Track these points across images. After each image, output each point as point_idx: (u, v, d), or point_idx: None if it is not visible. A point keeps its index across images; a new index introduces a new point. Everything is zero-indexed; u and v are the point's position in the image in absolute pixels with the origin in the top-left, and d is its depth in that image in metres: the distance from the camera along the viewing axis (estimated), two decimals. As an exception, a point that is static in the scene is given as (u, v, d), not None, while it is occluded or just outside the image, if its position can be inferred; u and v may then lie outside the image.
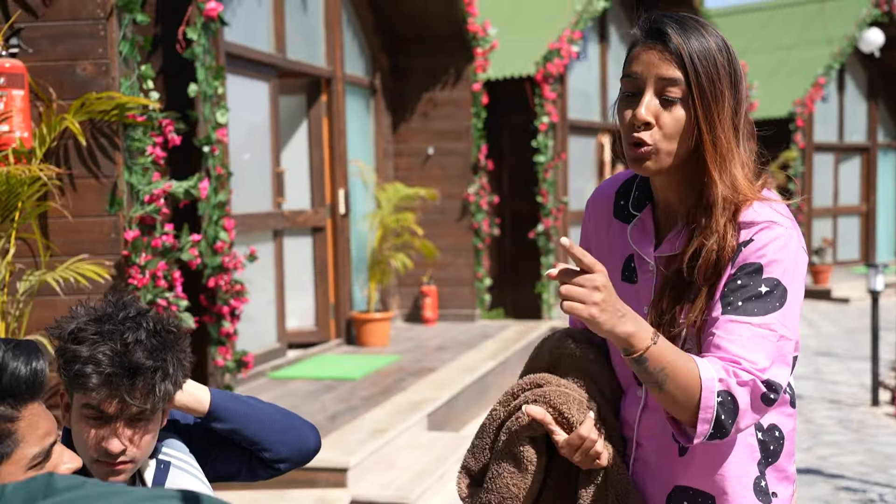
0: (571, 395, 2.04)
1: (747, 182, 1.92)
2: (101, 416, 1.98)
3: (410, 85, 10.96)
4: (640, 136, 1.90)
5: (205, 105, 5.65)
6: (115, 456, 1.99)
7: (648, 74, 1.88)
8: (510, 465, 2.09)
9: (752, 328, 1.85)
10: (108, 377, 1.94)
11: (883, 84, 19.28)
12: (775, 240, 1.88)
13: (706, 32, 1.89)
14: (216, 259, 5.46)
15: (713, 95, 1.86)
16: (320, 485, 5.53)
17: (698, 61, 1.85)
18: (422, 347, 9.36)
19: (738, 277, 1.88)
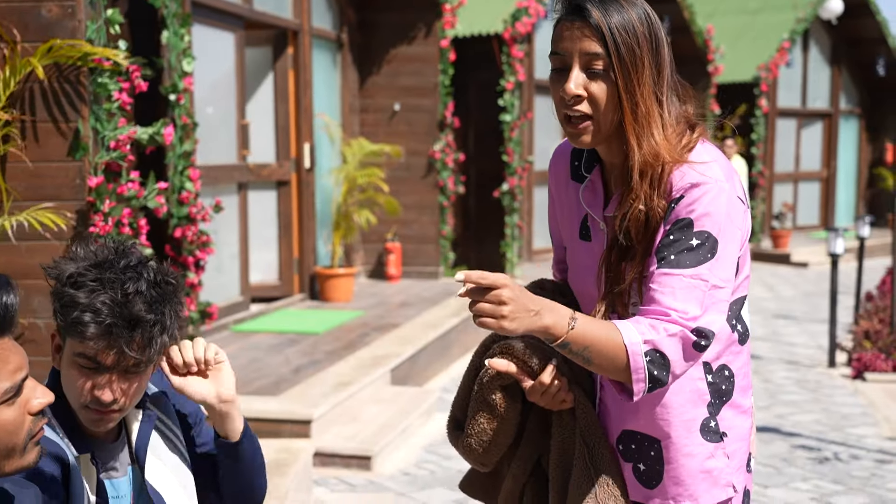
0: (536, 345, 2.12)
1: (668, 145, 1.98)
2: (95, 365, 1.95)
3: (378, 40, 10.88)
4: (574, 109, 1.98)
5: (171, 53, 5.57)
6: (106, 405, 1.97)
7: (573, 51, 1.96)
8: (485, 412, 2.22)
9: (683, 279, 1.94)
10: (108, 327, 1.91)
11: (846, 50, 19.42)
12: (705, 195, 1.95)
13: (626, 3, 1.97)
14: (182, 209, 5.42)
15: (633, 65, 1.94)
16: (284, 435, 5.54)
17: (618, 34, 1.93)
18: (385, 303, 9.37)
19: (671, 233, 1.96)
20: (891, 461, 5.92)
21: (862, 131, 20.37)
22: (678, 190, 1.97)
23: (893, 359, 8.20)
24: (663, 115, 1.99)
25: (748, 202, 2.07)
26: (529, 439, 2.27)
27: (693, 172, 1.97)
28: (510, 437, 2.25)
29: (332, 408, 5.83)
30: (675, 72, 2.07)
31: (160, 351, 2.01)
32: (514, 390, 2.19)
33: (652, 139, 1.97)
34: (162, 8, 5.51)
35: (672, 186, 1.98)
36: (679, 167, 1.98)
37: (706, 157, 2.00)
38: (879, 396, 7.50)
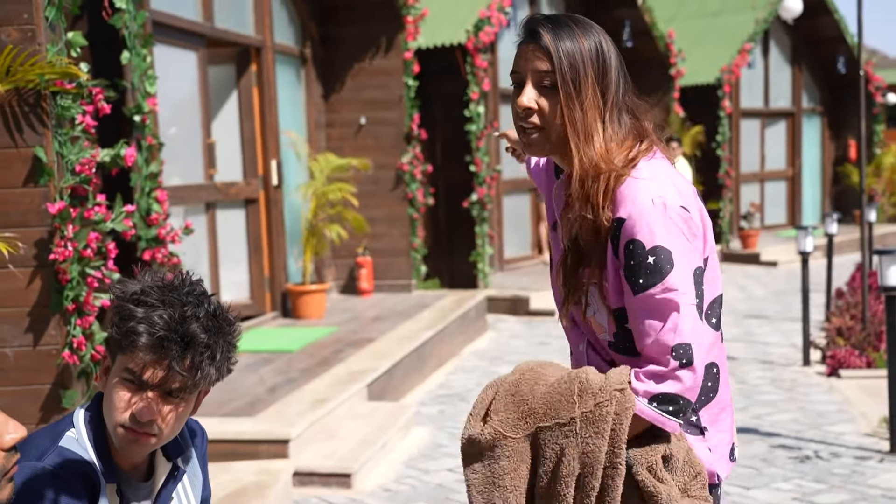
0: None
1: (607, 156, 2.15)
2: (140, 383, 1.96)
3: (341, 54, 10.85)
4: (528, 121, 2.19)
5: (134, 74, 5.51)
6: (142, 424, 1.97)
7: (527, 69, 2.18)
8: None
9: (655, 297, 2.09)
10: (160, 340, 1.92)
11: (806, 50, 19.59)
12: (646, 213, 2.11)
13: (580, 31, 2.17)
14: (151, 231, 5.35)
15: (575, 83, 2.14)
16: (262, 456, 5.48)
17: (564, 55, 2.14)
18: (359, 318, 9.31)
19: (629, 257, 2.12)
20: (870, 457, 5.94)
21: (825, 129, 20.55)
22: (623, 210, 2.13)
23: (867, 355, 8.24)
24: (605, 130, 2.17)
25: (698, 204, 2.21)
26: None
27: (633, 192, 2.13)
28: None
29: (309, 426, 5.77)
30: (630, 92, 2.25)
31: (206, 380, 2.00)
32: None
33: (591, 150, 2.15)
34: (123, 29, 5.45)
35: (618, 203, 2.14)
36: (623, 183, 2.14)
37: (645, 174, 2.16)
38: (855, 393, 7.53)
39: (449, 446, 6.34)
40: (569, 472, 2.05)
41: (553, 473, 2.07)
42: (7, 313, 4.27)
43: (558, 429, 2.07)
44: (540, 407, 2.10)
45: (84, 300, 4.24)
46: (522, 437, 2.09)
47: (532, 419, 2.09)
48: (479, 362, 9.04)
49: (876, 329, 8.68)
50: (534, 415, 2.09)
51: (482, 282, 11.71)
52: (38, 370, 4.27)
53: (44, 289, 4.25)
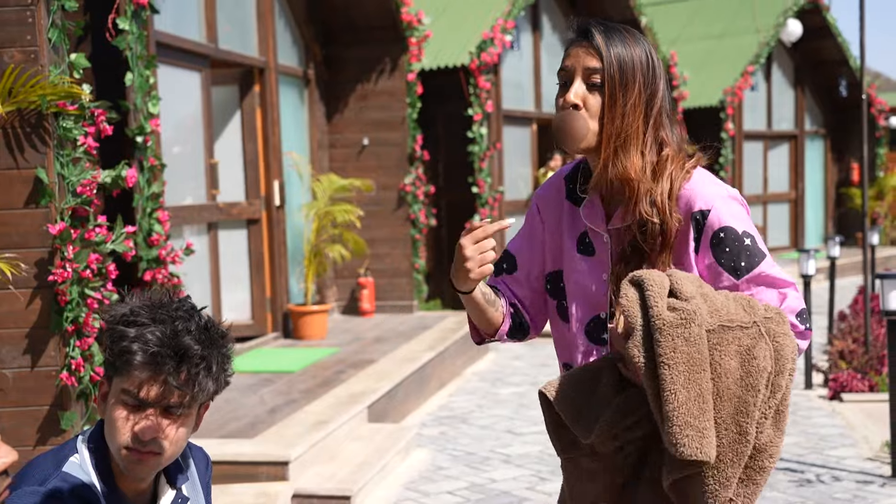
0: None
1: (640, 166, 2.20)
2: (138, 402, 1.97)
3: (344, 75, 10.88)
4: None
5: (136, 95, 5.53)
6: (145, 443, 1.97)
7: (576, 66, 2.22)
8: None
9: (762, 275, 2.19)
10: (154, 356, 1.93)
11: (809, 72, 19.62)
12: (726, 202, 2.21)
13: (631, 39, 2.23)
14: (152, 252, 5.35)
15: (622, 85, 2.18)
16: (261, 479, 5.46)
17: (613, 55, 2.18)
18: (360, 339, 9.30)
19: (724, 244, 2.18)
20: (872, 482, 5.91)
21: (827, 152, 20.55)
22: (702, 202, 2.20)
23: (869, 378, 8.22)
24: (647, 137, 2.22)
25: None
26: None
27: (703, 186, 2.22)
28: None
29: (309, 448, 5.75)
30: (673, 113, 2.33)
31: (204, 393, 2.01)
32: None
33: (626, 157, 2.20)
34: (126, 50, 5.47)
35: (691, 199, 2.21)
36: (689, 181, 2.22)
37: (709, 176, 2.28)
38: (857, 417, 7.50)
39: (450, 468, 6.32)
40: (762, 368, 2.04)
41: (744, 370, 2.03)
42: (7, 334, 4.27)
43: (740, 330, 2.05)
44: (721, 307, 2.07)
45: (83, 321, 4.24)
46: (707, 329, 2.03)
47: (716, 316, 2.05)
48: (481, 384, 9.02)
49: (878, 352, 8.66)
50: (717, 312, 2.06)
51: (484, 303, 11.67)
52: (36, 391, 4.27)
53: (43, 310, 4.25)
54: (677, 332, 1.99)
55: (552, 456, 6.54)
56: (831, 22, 18.62)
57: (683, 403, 1.96)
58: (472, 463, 6.45)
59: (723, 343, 2.03)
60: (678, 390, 1.97)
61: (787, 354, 2.08)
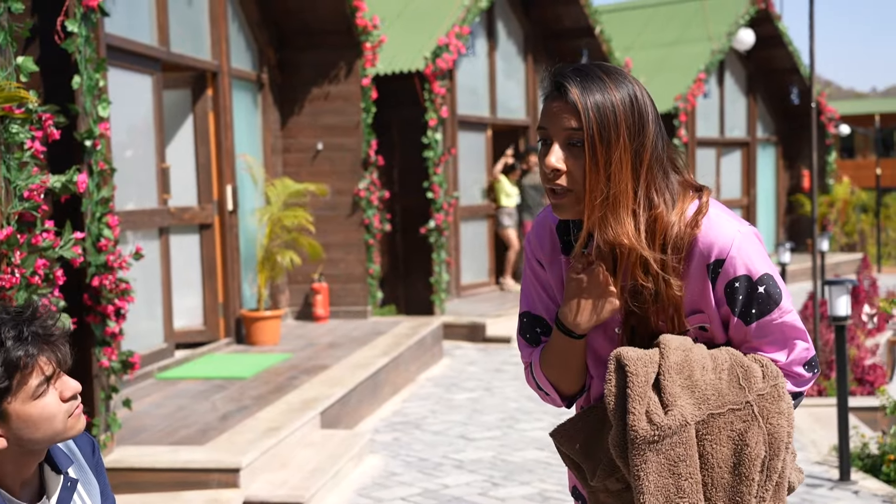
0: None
1: (633, 231, 2.05)
2: (47, 381, 2.08)
3: (299, 79, 10.84)
4: (555, 184, 2.06)
5: (86, 98, 5.46)
6: (76, 395, 2.13)
7: (554, 127, 2.05)
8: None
9: (774, 323, 2.10)
10: (34, 339, 2.07)
11: (761, 80, 19.85)
12: (740, 247, 2.08)
13: (611, 82, 2.03)
14: (100, 257, 5.29)
15: (606, 142, 2.00)
16: (212, 486, 5.41)
17: (591, 109, 2.00)
18: (313, 345, 9.26)
19: (737, 293, 2.09)
20: (820, 485, 5.98)
21: (779, 159, 20.80)
22: (717, 252, 2.08)
23: (818, 383, 8.31)
24: (638, 195, 2.05)
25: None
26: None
27: (720, 232, 2.08)
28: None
29: (261, 454, 5.71)
30: (667, 146, 2.12)
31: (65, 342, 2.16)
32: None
33: (616, 221, 2.04)
34: (75, 53, 5.40)
35: (705, 248, 2.08)
36: (700, 230, 2.08)
37: (721, 216, 2.12)
38: (805, 421, 7.59)
39: (403, 474, 6.31)
40: (755, 455, 2.00)
41: (737, 458, 2.01)
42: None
43: (732, 414, 2.02)
44: (711, 394, 2.03)
45: (30, 327, 4.17)
46: (693, 424, 2.01)
47: (705, 406, 2.02)
48: (435, 389, 9.01)
49: (826, 357, 8.77)
50: (706, 401, 2.02)
51: (438, 308, 11.70)
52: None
53: (-11, 316, 4.18)
54: (650, 446, 2.00)
55: (505, 461, 6.55)
56: (783, 31, 18.85)
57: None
58: (426, 469, 6.44)
59: (713, 432, 2.02)
60: (648, 498, 2.00)
61: (782, 436, 2.05)
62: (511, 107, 14.31)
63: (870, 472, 6.28)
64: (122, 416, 6.00)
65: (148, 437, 5.95)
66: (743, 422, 2.01)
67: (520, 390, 8.83)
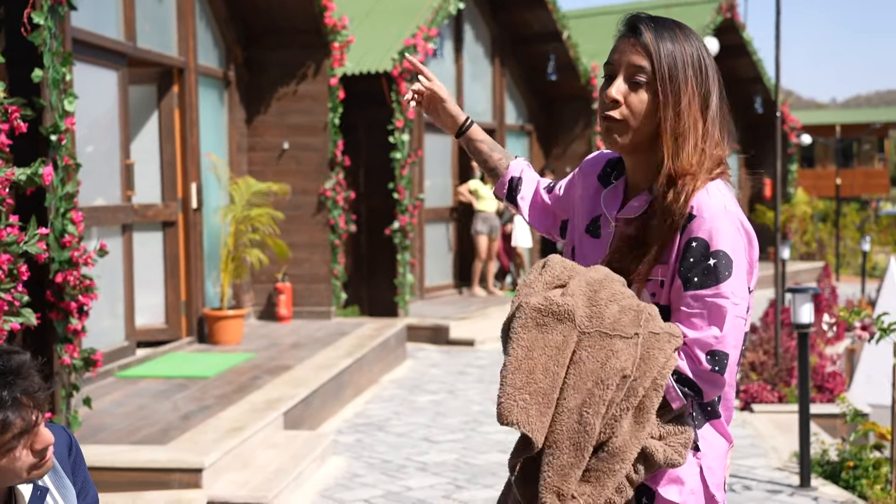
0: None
1: (699, 161, 2.17)
2: (25, 430, 2.01)
3: (266, 78, 10.78)
4: (609, 112, 2.20)
5: (52, 92, 5.39)
6: (47, 449, 2.05)
7: (621, 62, 2.20)
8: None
9: (707, 299, 2.13)
10: (12, 400, 1.97)
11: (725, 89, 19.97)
12: (717, 216, 2.15)
13: (682, 35, 2.20)
14: (64, 253, 5.22)
15: (674, 83, 2.16)
16: (173, 486, 5.36)
17: (664, 53, 2.16)
18: (277, 345, 9.21)
19: (690, 254, 2.15)
20: (781, 491, 6.03)
21: (741, 167, 20.96)
22: (696, 209, 2.16)
23: (779, 390, 8.39)
24: (705, 133, 2.19)
25: (755, 241, 2.24)
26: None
27: (710, 197, 2.17)
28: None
29: (223, 455, 5.66)
30: (728, 114, 2.27)
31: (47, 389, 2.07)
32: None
33: (685, 152, 2.17)
34: (42, 46, 5.33)
35: (693, 206, 2.16)
36: (703, 187, 2.17)
37: (721, 187, 2.21)
38: (767, 427, 7.65)
39: (365, 476, 6.28)
40: (620, 368, 2.07)
41: (602, 366, 2.07)
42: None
43: (619, 339, 2.09)
44: (608, 318, 2.10)
45: (-8, 323, 4.12)
46: (579, 330, 2.10)
47: (597, 321, 2.10)
48: (398, 391, 8.99)
49: (788, 364, 8.84)
50: (600, 319, 2.10)
51: (402, 310, 11.68)
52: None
53: (-50, 310, 4.12)
54: (533, 315, 2.09)
55: (468, 464, 6.54)
56: (747, 40, 19.03)
57: (513, 374, 2.06)
58: (388, 471, 6.42)
59: (594, 346, 2.09)
60: (513, 363, 2.07)
61: (654, 365, 2.09)
62: (478, 110, 14.32)
63: (829, 479, 6.33)
64: (82, 414, 5.93)
65: (108, 436, 5.88)
66: (623, 343, 2.08)
67: (483, 393, 8.83)
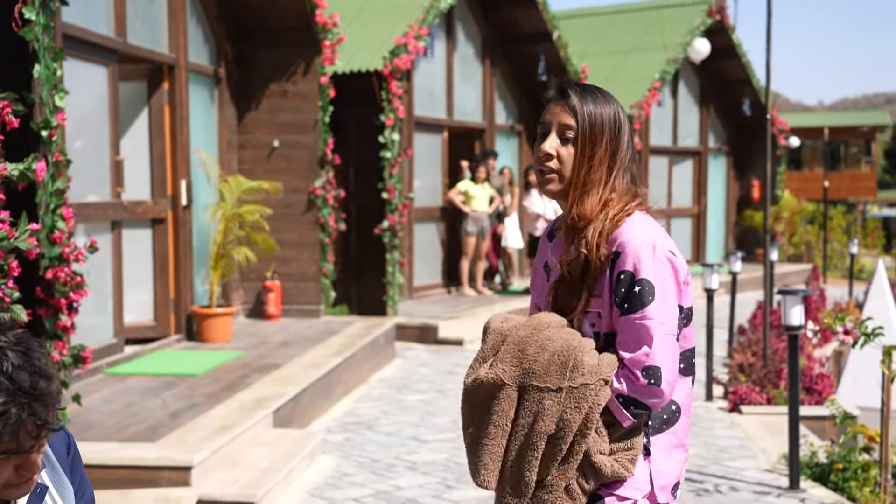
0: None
1: (595, 211, 2.53)
2: (14, 451, 1.91)
3: (256, 76, 10.75)
4: (546, 164, 2.56)
5: (43, 88, 5.36)
6: (31, 478, 1.97)
7: (553, 121, 2.56)
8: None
9: (636, 322, 2.44)
10: (17, 420, 1.87)
11: (714, 91, 20.05)
12: (637, 249, 2.47)
13: (602, 98, 2.57)
14: (54, 250, 5.19)
15: (591, 139, 2.52)
16: (162, 484, 5.34)
17: (586, 115, 2.52)
18: (265, 343, 9.19)
19: (620, 285, 2.47)
20: (769, 492, 6.04)
21: (730, 168, 21.02)
22: (618, 245, 2.48)
23: (767, 391, 8.40)
24: (608, 183, 2.55)
25: (681, 259, 2.56)
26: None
27: (629, 233, 2.49)
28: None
29: (212, 453, 5.64)
30: (634, 160, 2.64)
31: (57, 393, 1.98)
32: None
33: (588, 200, 2.53)
34: (33, 41, 5.30)
35: (614, 241, 2.48)
36: (620, 226, 2.50)
37: (639, 221, 2.53)
38: (755, 429, 7.66)
39: (355, 475, 6.27)
40: (545, 430, 2.41)
41: (531, 427, 2.42)
42: None
43: (547, 392, 2.41)
44: (538, 369, 2.42)
45: (-18, 319, 4.08)
46: (516, 386, 2.44)
47: (529, 377, 2.43)
48: (387, 390, 8.98)
49: (776, 366, 8.86)
50: (532, 374, 2.42)
51: (391, 309, 11.67)
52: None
53: (-60, 306, 4.09)
54: (468, 392, 2.51)
55: (458, 464, 6.54)
56: (737, 42, 19.06)
57: (469, 441, 2.51)
58: (378, 470, 6.41)
59: (529, 399, 2.43)
60: (471, 437, 2.51)
61: (571, 427, 2.42)
62: (467, 110, 14.32)
63: (818, 481, 6.35)
64: (71, 411, 5.90)
65: (97, 433, 5.86)
66: (550, 401, 2.41)
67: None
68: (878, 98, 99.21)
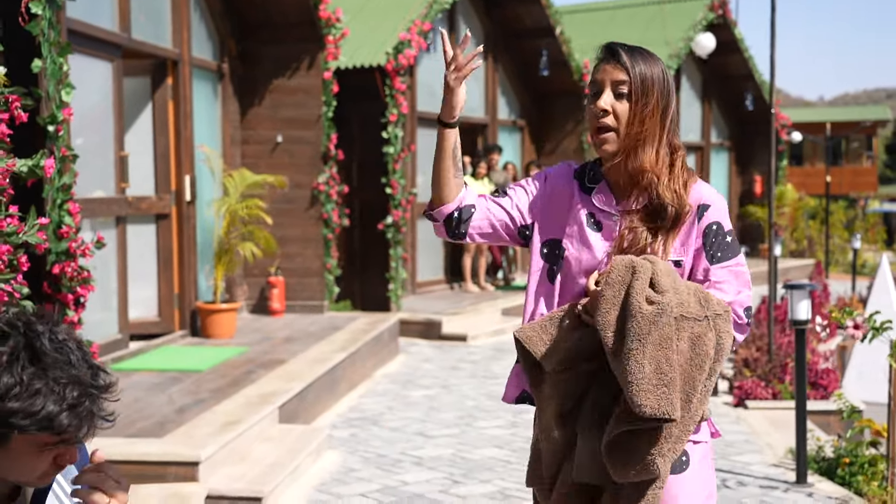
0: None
1: (654, 162, 2.67)
2: (67, 442, 1.93)
3: (260, 71, 10.74)
4: (602, 120, 2.67)
5: (49, 82, 5.35)
6: (64, 467, 1.97)
7: (606, 79, 2.69)
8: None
9: (732, 268, 2.71)
10: (87, 413, 1.89)
11: (716, 86, 20.04)
12: (723, 205, 2.76)
13: (651, 60, 2.70)
14: (61, 245, 5.18)
15: (644, 95, 2.65)
16: (169, 479, 5.33)
17: (637, 71, 2.65)
18: (270, 339, 9.18)
19: (712, 235, 2.71)
20: (776, 487, 6.03)
21: (732, 163, 21.01)
22: (706, 199, 2.71)
23: (773, 386, 8.40)
24: (661, 139, 2.69)
25: None
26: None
27: (708, 188, 2.76)
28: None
29: (219, 448, 5.63)
30: (678, 125, 2.83)
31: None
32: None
33: (643, 153, 2.67)
34: (39, 36, 5.29)
35: (698, 194, 2.71)
36: (697, 182, 2.74)
37: (704, 182, 2.79)
38: (761, 423, 7.66)
39: (361, 470, 6.26)
40: (707, 354, 2.54)
41: (693, 353, 2.53)
42: None
43: (695, 321, 2.54)
44: (685, 300, 2.56)
45: (-9, 314, 4.07)
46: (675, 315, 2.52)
47: (681, 307, 2.54)
48: (391, 386, 8.97)
49: (781, 361, 8.86)
50: (682, 305, 2.54)
51: (395, 305, 11.66)
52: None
53: (-51, 301, 4.08)
54: (651, 319, 2.49)
55: (465, 459, 6.53)
56: (739, 37, 19.04)
57: (647, 373, 2.46)
58: (384, 465, 6.40)
59: (682, 329, 2.54)
60: (644, 363, 2.47)
61: (726, 348, 2.63)
62: (470, 105, 14.30)
63: (825, 475, 6.34)
64: (77, 406, 5.88)
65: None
66: (702, 328, 2.55)
67: (477, 388, 8.82)
68: (878, 93, 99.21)
